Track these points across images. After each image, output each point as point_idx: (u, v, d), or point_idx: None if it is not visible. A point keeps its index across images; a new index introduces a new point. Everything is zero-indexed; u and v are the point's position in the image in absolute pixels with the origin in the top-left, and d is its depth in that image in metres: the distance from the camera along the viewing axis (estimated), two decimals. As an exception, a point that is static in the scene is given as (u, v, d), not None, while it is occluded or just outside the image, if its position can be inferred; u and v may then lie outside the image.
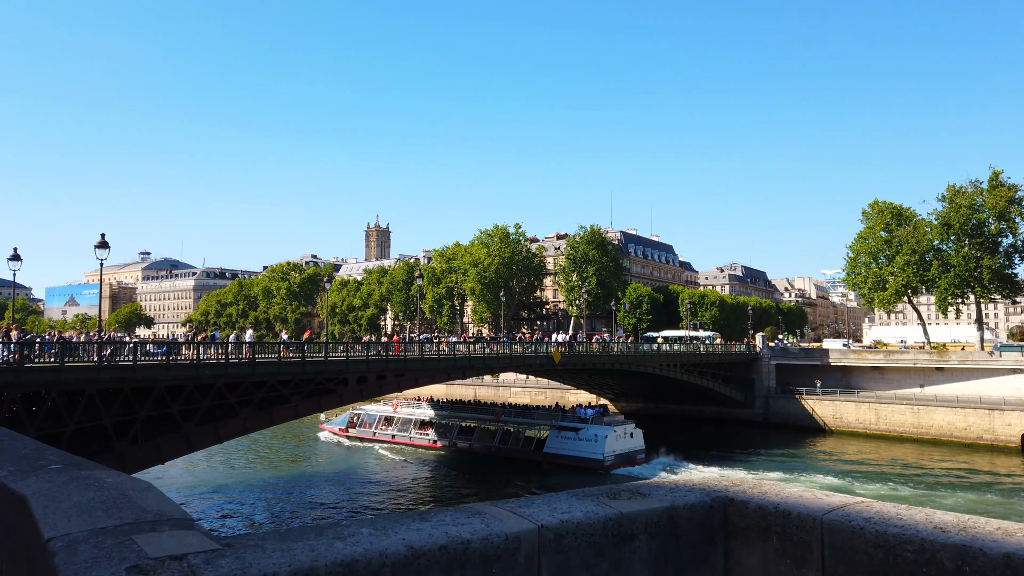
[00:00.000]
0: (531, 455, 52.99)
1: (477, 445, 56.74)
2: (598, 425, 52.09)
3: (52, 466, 4.12)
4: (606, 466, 49.01)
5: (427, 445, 59.92)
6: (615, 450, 50.27)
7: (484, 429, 57.66)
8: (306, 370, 35.88)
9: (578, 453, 50.39)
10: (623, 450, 51.09)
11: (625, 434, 52.48)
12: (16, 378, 26.67)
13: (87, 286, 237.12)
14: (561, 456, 51.12)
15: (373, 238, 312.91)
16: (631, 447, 52.23)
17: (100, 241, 33.37)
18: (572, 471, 49.12)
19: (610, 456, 49.64)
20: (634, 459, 51.62)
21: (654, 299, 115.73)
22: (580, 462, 49.52)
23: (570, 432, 52.10)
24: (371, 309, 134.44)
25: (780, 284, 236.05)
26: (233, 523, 38.33)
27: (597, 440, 50.19)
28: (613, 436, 50.81)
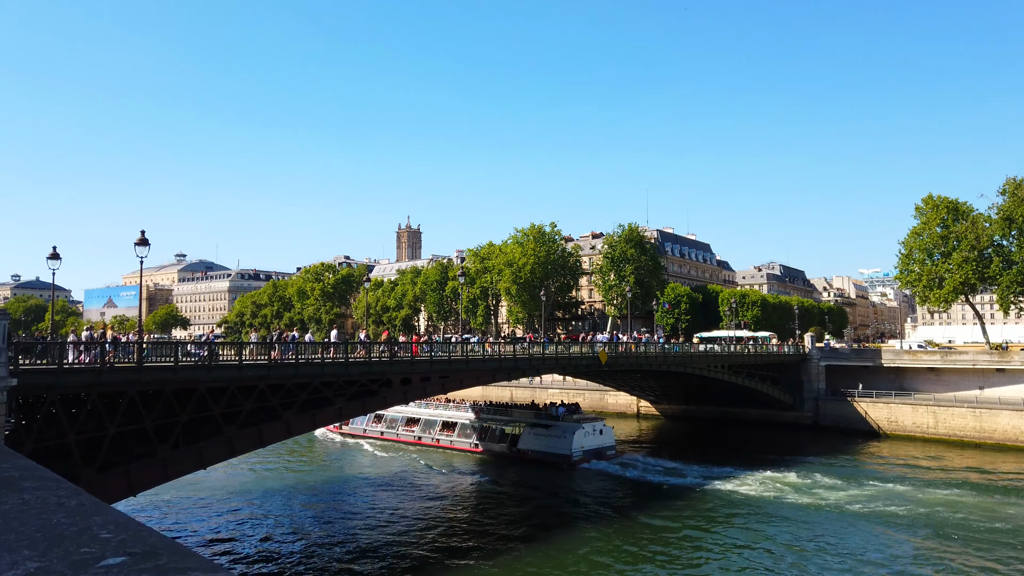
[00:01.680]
0: (506, 450, 55.91)
1: (458, 441, 59.66)
2: (568, 422, 54.53)
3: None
4: (573, 461, 51.93)
5: (411, 441, 62.93)
6: (583, 446, 52.83)
7: (464, 425, 60.06)
8: (350, 371, 34.59)
9: (548, 449, 53.43)
10: (592, 446, 53.50)
11: (594, 430, 54.75)
12: (55, 379, 25.69)
13: (125, 288, 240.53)
14: (533, 451, 54.21)
15: (404, 239, 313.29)
16: (600, 443, 54.46)
17: (140, 239, 32.39)
18: (544, 466, 52.51)
19: (578, 451, 52.30)
20: (603, 454, 53.91)
21: (693, 299, 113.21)
22: (550, 457, 52.82)
23: (542, 428, 54.88)
24: (405, 310, 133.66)
25: (818, 283, 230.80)
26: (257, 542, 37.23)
27: (566, 436, 52.92)
28: (581, 432, 53.21)
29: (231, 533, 36.70)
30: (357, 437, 66.79)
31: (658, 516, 40.24)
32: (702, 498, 44.46)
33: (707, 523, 38.97)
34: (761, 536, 36.58)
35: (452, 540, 35.98)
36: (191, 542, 34.79)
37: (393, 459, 58.33)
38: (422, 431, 63.09)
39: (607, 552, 33.98)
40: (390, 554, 33.77)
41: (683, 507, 42.26)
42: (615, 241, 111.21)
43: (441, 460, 57.44)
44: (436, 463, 56.08)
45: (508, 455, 55.72)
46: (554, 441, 53.61)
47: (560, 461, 52.22)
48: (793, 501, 43.60)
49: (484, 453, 57.35)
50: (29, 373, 25.29)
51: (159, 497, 40.05)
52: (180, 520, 38.90)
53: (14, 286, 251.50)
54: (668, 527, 37.93)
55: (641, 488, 47.57)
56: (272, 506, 42.59)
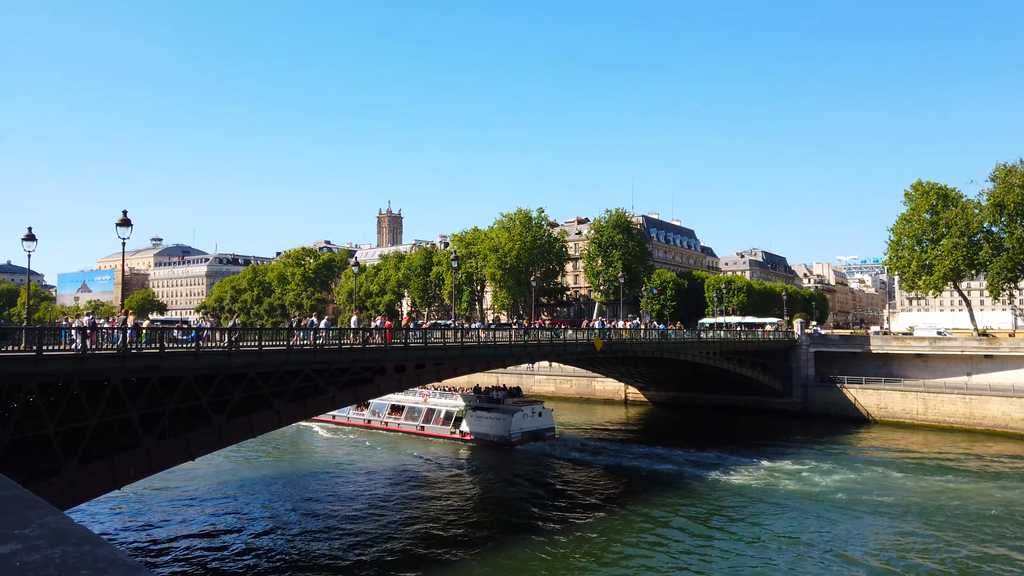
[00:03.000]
0: (450, 433, 57.99)
1: (404, 424, 61.31)
2: (508, 405, 56.53)
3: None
4: (512, 442, 54.05)
5: (362, 424, 63.55)
6: (522, 428, 54.95)
7: (412, 409, 61.59)
8: (343, 358, 33.32)
9: (489, 431, 55.54)
10: (530, 428, 55.61)
11: (533, 413, 56.85)
12: (34, 367, 24.17)
13: (99, 272, 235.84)
14: (475, 433, 56.38)
15: (385, 224, 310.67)
16: (539, 425, 56.50)
17: (122, 219, 30.81)
18: (484, 446, 54.84)
19: (516, 433, 54.39)
20: (542, 436, 56.08)
21: (679, 285, 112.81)
22: (490, 439, 54.98)
23: (483, 412, 56.80)
24: (388, 295, 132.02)
25: (799, 270, 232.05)
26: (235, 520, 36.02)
27: (505, 419, 54.87)
28: (520, 415, 55.26)
29: (210, 525, 35.37)
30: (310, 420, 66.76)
31: (645, 505, 39.38)
32: (690, 486, 43.82)
33: (694, 511, 38.22)
34: (749, 524, 35.97)
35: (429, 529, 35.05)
36: (173, 535, 33.48)
37: (338, 440, 59.49)
38: (371, 414, 64.06)
39: (590, 544, 32.96)
40: (372, 542, 32.78)
41: (671, 496, 41.52)
42: (602, 226, 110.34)
43: (385, 442, 58.49)
44: (380, 444, 57.44)
45: (451, 437, 57.59)
46: (494, 423, 55.49)
47: (500, 443, 54.44)
48: (782, 488, 43.13)
49: (429, 435, 59.15)
50: (5, 361, 23.78)
51: (143, 488, 38.62)
52: (163, 512, 37.48)
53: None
54: (654, 516, 37.11)
55: (627, 477, 46.83)
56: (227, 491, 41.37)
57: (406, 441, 59.17)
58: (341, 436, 61.22)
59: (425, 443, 58.19)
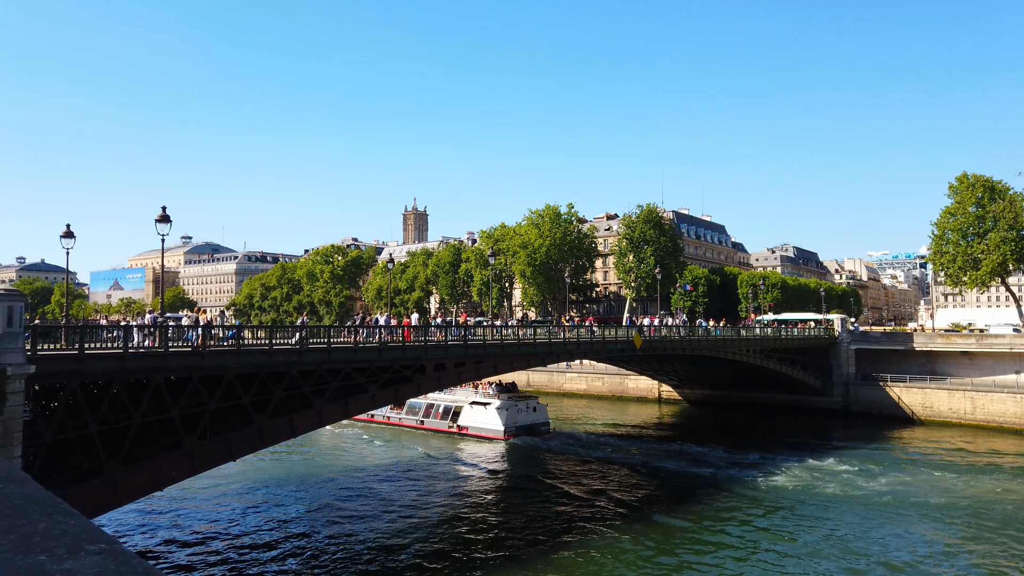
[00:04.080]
0: (448, 427, 59.65)
1: (405, 418, 62.37)
2: (502, 400, 57.98)
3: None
4: (505, 435, 55.65)
5: (364, 419, 63.94)
6: (516, 422, 56.69)
7: (413, 404, 62.12)
8: (383, 356, 32.66)
9: (485, 425, 57.16)
10: (524, 422, 57.31)
11: (527, 408, 58.67)
12: (77, 366, 23.76)
13: (131, 270, 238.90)
14: (471, 427, 57.97)
15: (411, 221, 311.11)
16: (533, 420, 58.23)
17: (161, 215, 30.39)
18: (480, 440, 56.31)
19: (511, 427, 56.15)
20: (536, 431, 57.71)
21: (711, 281, 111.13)
22: (485, 432, 56.64)
23: (480, 407, 58.22)
24: (417, 292, 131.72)
25: (830, 266, 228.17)
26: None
27: (500, 413, 56.64)
28: (515, 410, 57.16)
29: (240, 528, 34.89)
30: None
31: (681, 508, 37.96)
32: (728, 488, 42.36)
33: (734, 515, 36.80)
34: (792, 529, 34.72)
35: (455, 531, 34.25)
36: (205, 535, 33.03)
37: (341, 435, 59.85)
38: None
39: (624, 550, 31.77)
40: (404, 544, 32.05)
41: (708, 499, 40.09)
42: (633, 222, 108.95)
43: (386, 436, 59.29)
44: (379, 438, 58.31)
45: (449, 431, 59.32)
46: (490, 417, 57.24)
47: (495, 436, 56.15)
48: (826, 491, 41.73)
49: (428, 429, 60.61)
50: (48, 360, 23.38)
51: (177, 487, 38.31)
52: (193, 511, 36.97)
53: (19, 268, 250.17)
54: (691, 521, 35.72)
55: (662, 478, 45.57)
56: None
57: (407, 435, 59.69)
58: (344, 431, 61.17)
59: (425, 437, 59.05)
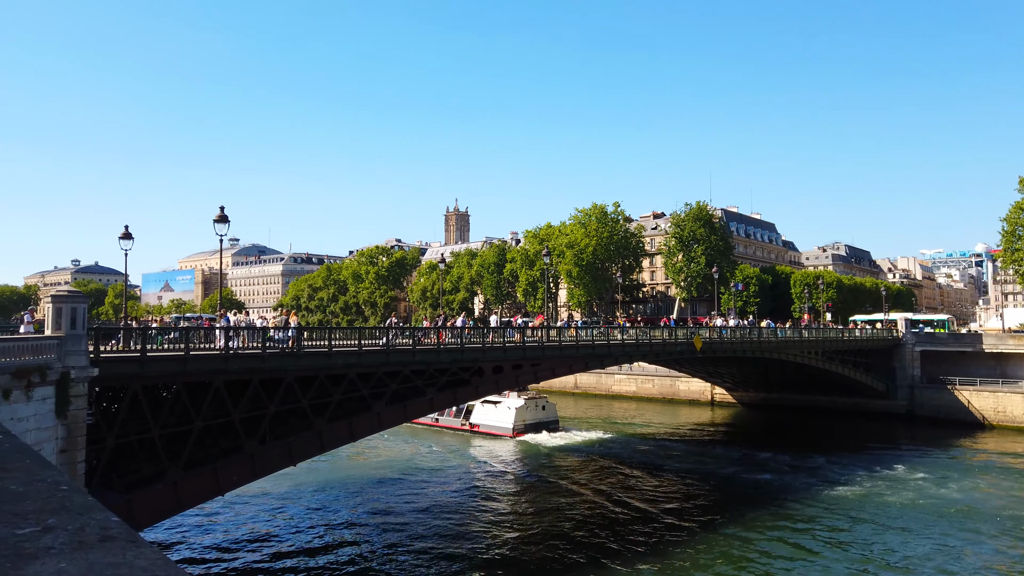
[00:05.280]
0: (460, 424, 60.81)
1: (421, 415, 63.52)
2: (512, 399, 58.94)
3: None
4: (513, 433, 57.29)
5: None
6: (525, 420, 58.21)
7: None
8: (441, 359, 31.87)
9: (494, 422, 58.60)
10: (533, 420, 58.81)
11: (536, 406, 59.96)
12: (139, 369, 23.40)
13: (180, 272, 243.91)
14: (482, 424, 59.30)
15: (452, 222, 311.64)
16: (542, 417, 59.72)
17: (219, 215, 30.09)
18: (490, 437, 57.78)
19: (519, 425, 57.66)
20: (546, 427, 59.03)
21: (762, 280, 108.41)
22: (495, 429, 58.16)
23: (491, 405, 58.95)
24: (462, 293, 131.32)
25: (883, 264, 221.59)
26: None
27: (509, 411, 57.93)
28: (523, 408, 58.33)
29: (269, 529, 34.38)
30: None
31: (738, 517, 36.25)
32: (789, 496, 40.46)
33: (795, 525, 35.07)
34: (858, 540, 32.98)
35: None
36: (250, 538, 32.58)
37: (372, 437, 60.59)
38: None
39: (678, 560, 30.40)
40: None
41: (767, 507, 38.33)
42: (683, 220, 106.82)
43: (403, 433, 58.59)
44: (396, 435, 57.53)
45: (461, 428, 60.47)
46: (500, 415, 58.47)
47: (504, 433, 57.63)
48: (893, 499, 39.80)
49: (442, 427, 61.35)
50: (110, 362, 23.04)
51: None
52: (240, 513, 36.58)
53: (74, 271, 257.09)
54: (749, 530, 34.04)
55: (717, 484, 43.80)
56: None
57: (422, 433, 59.90)
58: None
59: (439, 434, 59.54)
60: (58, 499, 2.47)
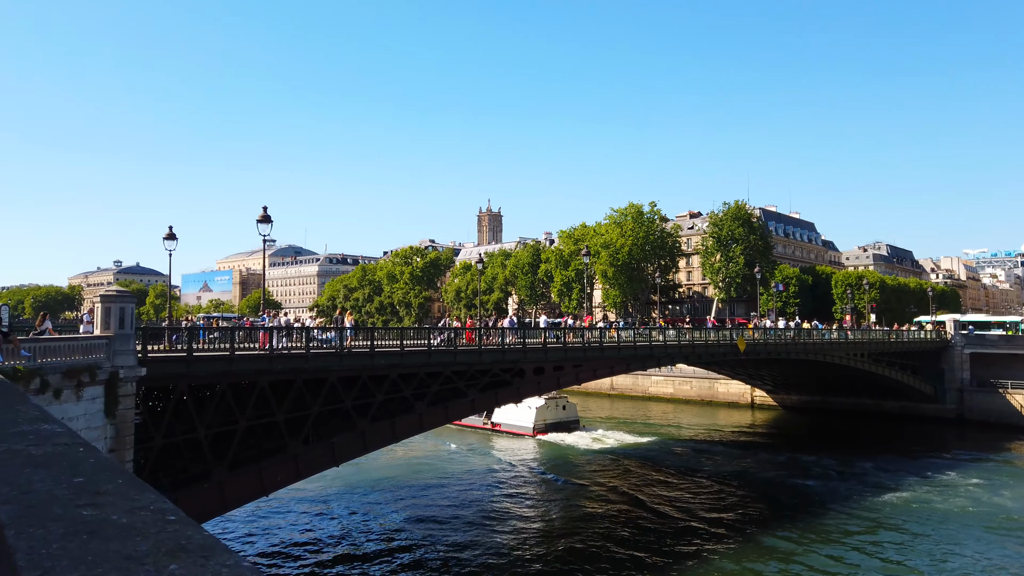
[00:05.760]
0: (482, 423, 61.25)
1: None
2: (532, 398, 57.91)
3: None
4: (534, 432, 58.21)
5: None
6: (545, 419, 59.02)
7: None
8: (483, 359, 31.57)
9: (515, 421, 59.10)
10: (554, 419, 59.58)
11: (557, 406, 60.59)
12: (186, 369, 23.45)
13: (219, 272, 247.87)
14: (504, 424, 60.04)
15: (485, 222, 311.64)
16: (563, 417, 60.46)
17: (262, 216, 30.13)
18: (511, 436, 58.91)
19: (540, 424, 58.63)
20: (567, 427, 59.75)
21: (802, 280, 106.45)
22: (516, 428, 59.06)
23: (511, 404, 60.13)
24: (496, 293, 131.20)
25: (926, 264, 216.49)
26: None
27: (530, 410, 58.42)
28: (544, 407, 58.98)
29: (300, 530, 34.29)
30: None
31: (782, 525, 35.13)
32: (834, 503, 39.20)
33: (842, 535, 33.81)
34: (906, 547, 32.02)
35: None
36: (288, 540, 32.54)
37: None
38: None
39: (722, 566, 29.59)
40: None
41: (812, 515, 37.15)
42: (721, 220, 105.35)
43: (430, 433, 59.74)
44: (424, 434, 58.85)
45: (483, 427, 61.06)
46: (521, 414, 58.78)
47: (524, 432, 58.57)
48: (946, 507, 38.55)
49: (464, 426, 60.78)
50: (157, 362, 23.11)
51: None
52: (276, 514, 36.60)
53: (116, 271, 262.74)
54: (793, 540, 32.86)
55: (759, 490, 42.61)
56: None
57: (447, 431, 59.37)
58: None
59: (460, 432, 59.43)
60: (171, 535, 2.08)
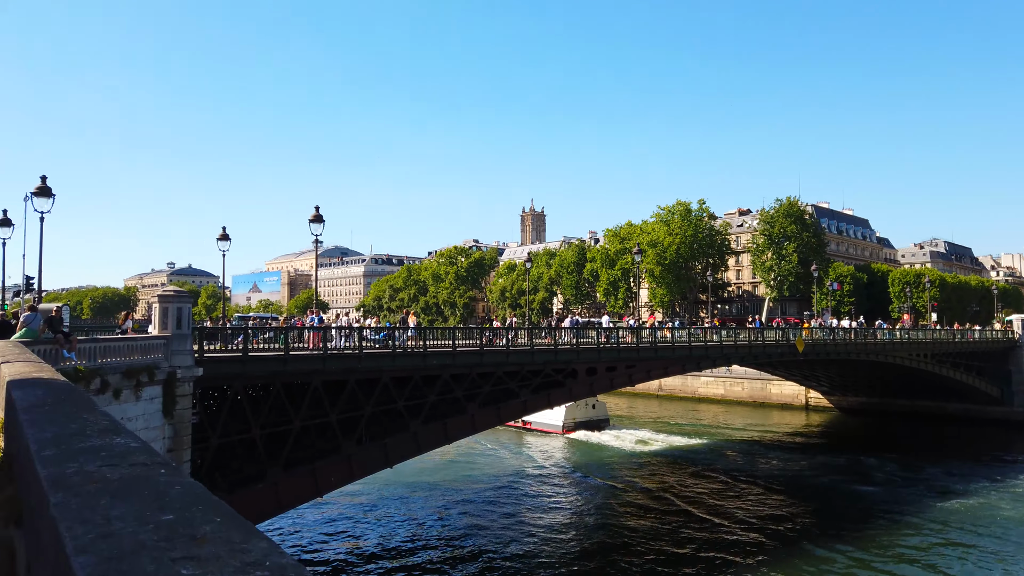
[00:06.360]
0: (514, 421, 60.12)
1: None
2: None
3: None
4: (563, 431, 58.90)
5: None
6: (575, 418, 59.63)
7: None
8: (535, 360, 31.07)
9: (545, 419, 58.41)
10: (584, 418, 60.26)
11: (586, 404, 60.49)
12: (241, 369, 23.46)
13: (268, 273, 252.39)
14: (534, 422, 59.48)
15: (528, 222, 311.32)
16: (592, 416, 61.11)
17: (315, 215, 30.14)
18: (541, 434, 59.67)
19: (570, 423, 59.29)
20: (598, 425, 60.44)
21: (857, 279, 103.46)
22: (546, 427, 59.53)
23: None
24: (541, 293, 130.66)
25: (985, 262, 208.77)
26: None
27: (560, 408, 57.27)
28: (573, 405, 58.08)
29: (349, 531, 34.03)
30: None
31: (842, 535, 33.24)
32: (898, 512, 37.29)
33: (904, 540, 32.43)
34: (975, 560, 30.22)
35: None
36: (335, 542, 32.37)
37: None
38: None
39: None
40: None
41: (875, 524, 35.27)
42: (772, 217, 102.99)
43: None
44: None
45: (514, 426, 60.61)
46: (551, 412, 58.70)
47: (554, 430, 59.36)
48: (1010, 514, 36.56)
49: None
50: (213, 362, 23.16)
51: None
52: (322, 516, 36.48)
53: (169, 273, 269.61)
54: (857, 551, 31.14)
55: (817, 497, 40.76)
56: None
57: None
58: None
59: (494, 432, 59.33)
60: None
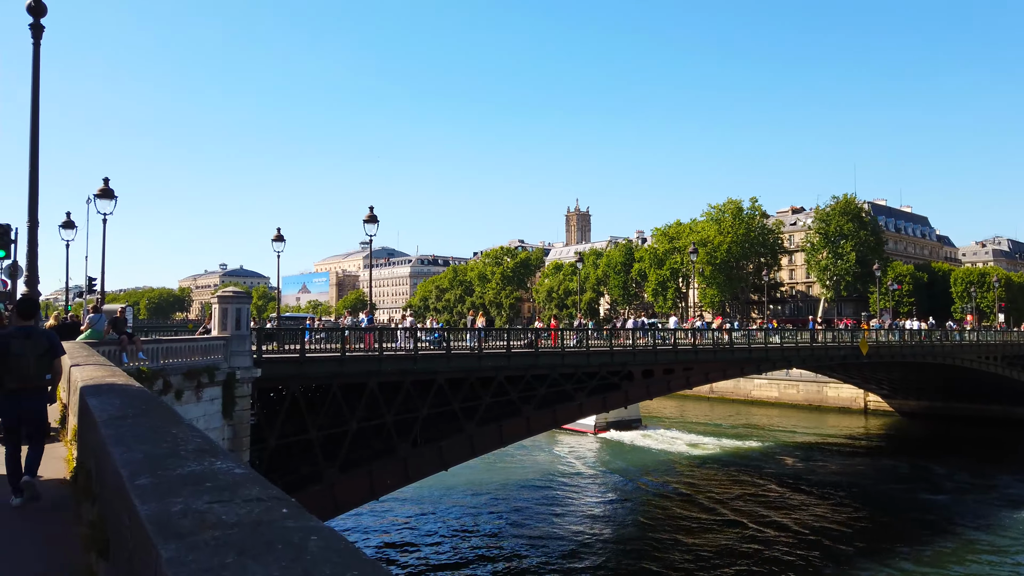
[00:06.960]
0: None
1: None
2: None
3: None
4: (595, 431, 59.78)
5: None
6: (607, 417, 58.73)
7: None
8: (591, 362, 30.47)
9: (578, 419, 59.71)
10: (616, 418, 59.45)
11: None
12: (298, 370, 23.37)
13: (316, 274, 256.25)
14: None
15: (573, 222, 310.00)
16: (625, 416, 60.13)
17: (369, 216, 30.05)
18: (573, 434, 59.83)
19: (601, 423, 59.49)
20: (630, 426, 60.68)
21: (917, 278, 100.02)
22: (578, 426, 58.61)
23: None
24: (588, 293, 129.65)
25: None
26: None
27: None
28: None
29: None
30: None
31: (908, 548, 31.49)
32: (970, 524, 35.16)
33: (978, 554, 30.64)
34: None
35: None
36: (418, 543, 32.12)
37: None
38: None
39: None
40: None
41: (947, 536, 33.35)
42: (828, 215, 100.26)
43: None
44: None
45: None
46: None
47: (586, 430, 59.90)
48: None
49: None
50: (271, 363, 23.13)
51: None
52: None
53: (222, 274, 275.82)
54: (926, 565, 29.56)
55: (879, 506, 38.78)
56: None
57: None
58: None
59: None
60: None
